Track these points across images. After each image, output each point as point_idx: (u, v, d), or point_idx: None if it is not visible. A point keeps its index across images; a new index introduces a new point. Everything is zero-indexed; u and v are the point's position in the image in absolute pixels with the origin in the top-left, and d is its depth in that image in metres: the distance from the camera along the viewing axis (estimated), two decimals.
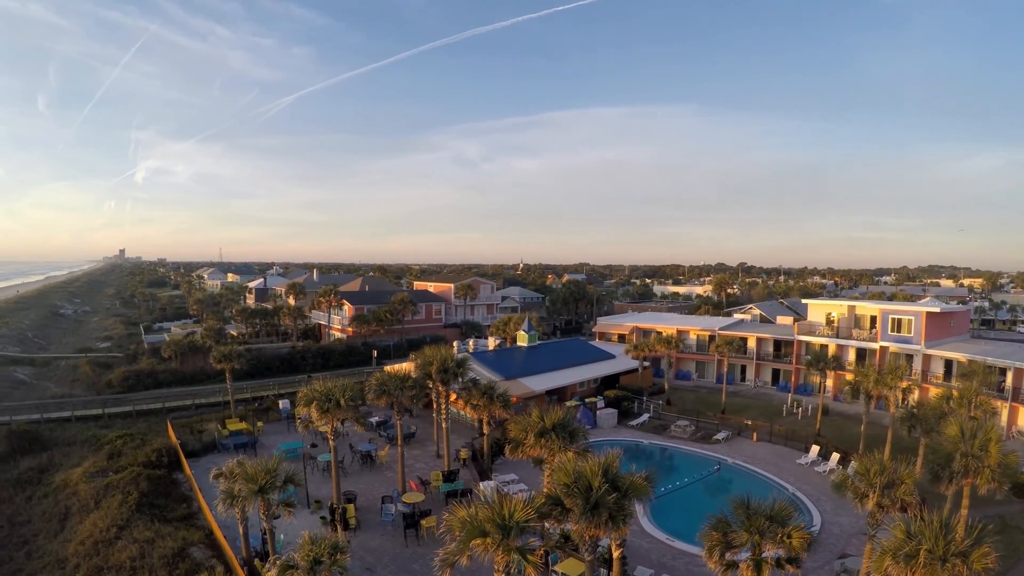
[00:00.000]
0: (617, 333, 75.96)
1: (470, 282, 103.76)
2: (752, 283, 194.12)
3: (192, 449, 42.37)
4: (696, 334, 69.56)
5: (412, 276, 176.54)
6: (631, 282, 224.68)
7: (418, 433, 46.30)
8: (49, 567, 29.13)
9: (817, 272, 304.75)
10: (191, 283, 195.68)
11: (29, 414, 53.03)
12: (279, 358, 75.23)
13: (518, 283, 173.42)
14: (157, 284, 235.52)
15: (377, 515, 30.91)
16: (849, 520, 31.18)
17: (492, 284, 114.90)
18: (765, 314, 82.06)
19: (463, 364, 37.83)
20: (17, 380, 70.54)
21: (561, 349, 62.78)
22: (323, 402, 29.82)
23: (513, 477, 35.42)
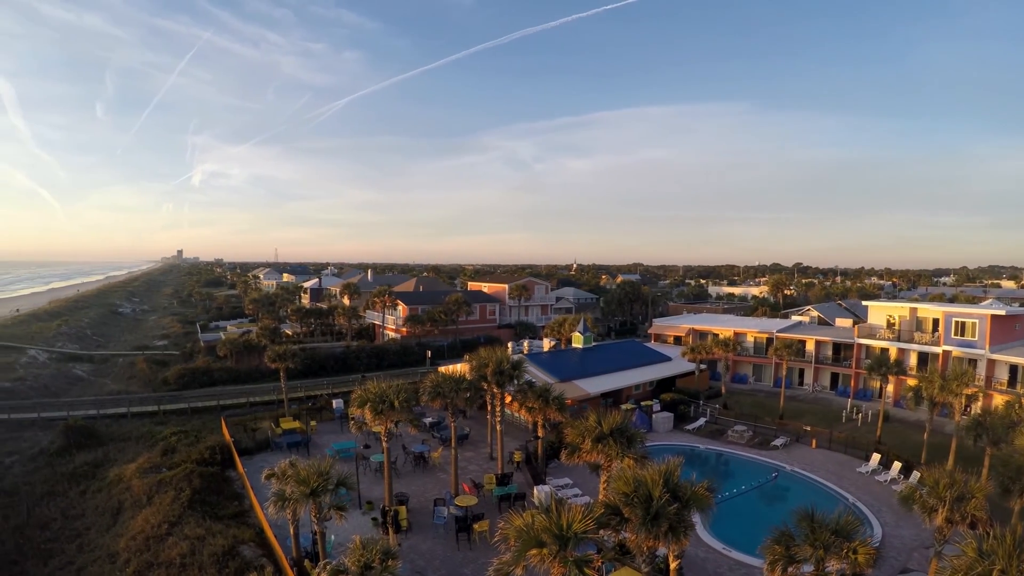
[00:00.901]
0: (673, 335, 79.36)
1: (524, 282, 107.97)
2: (808, 284, 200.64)
3: (245, 447, 44.57)
4: (753, 336, 72.20)
5: (466, 276, 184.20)
6: (685, 283, 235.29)
7: (471, 435, 47.51)
8: (100, 561, 31.06)
9: (874, 272, 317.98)
10: (247, 283, 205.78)
11: (86, 410, 57.31)
12: (333, 357, 78.85)
13: (572, 284, 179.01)
14: (214, 284, 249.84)
15: (429, 517, 32.17)
16: (911, 533, 31.26)
17: (546, 285, 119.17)
18: (823, 316, 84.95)
19: (519, 366, 39.18)
20: (75, 376, 76.21)
21: (616, 351, 65.16)
22: (377, 403, 31.04)
23: (567, 481, 36.50)
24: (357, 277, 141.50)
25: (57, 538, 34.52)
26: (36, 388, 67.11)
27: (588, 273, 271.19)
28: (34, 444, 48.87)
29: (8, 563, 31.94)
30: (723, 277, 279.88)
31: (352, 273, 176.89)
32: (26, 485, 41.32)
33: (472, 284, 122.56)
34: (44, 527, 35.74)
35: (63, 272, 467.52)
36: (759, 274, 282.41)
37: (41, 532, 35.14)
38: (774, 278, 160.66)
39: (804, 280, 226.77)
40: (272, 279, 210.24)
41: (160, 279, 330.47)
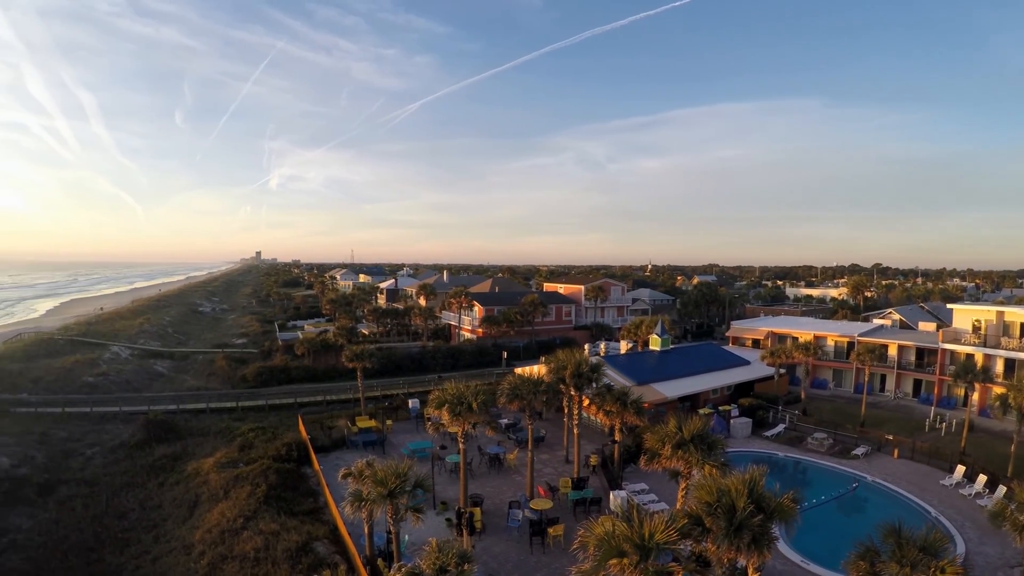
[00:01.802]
0: (751, 338, 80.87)
1: (600, 283, 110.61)
2: (888, 285, 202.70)
3: (321, 444, 46.28)
4: (834, 340, 72.91)
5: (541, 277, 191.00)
6: (762, 284, 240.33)
7: (547, 437, 48.22)
8: (175, 552, 32.82)
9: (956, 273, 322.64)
10: (324, 283, 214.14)
11: (166, 405, 61.16)
12: (409, 357, 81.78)
13: (647, 285, 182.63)
14: (291, 284, 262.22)
15: (503, 520, 33.15)
16: (995, 551, 30.86)
17: (623, 286, 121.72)
18: (905, 319, 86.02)
19: (597, 369, 40.29)
20: (156, 372, 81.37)
21: (694, 354, 66.66)
22: (455, 405, 32.11)
23: (643, 487, 37.22)
24: (433, 278, 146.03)
25: (134, 528, 36.78)
26: (118, 383, 72.12)
27: (663, 274, 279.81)
28: (115, 437, 52.35)
29: (86, 550, 34.26)
30: (800, 278, 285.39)
31: (428, 274, 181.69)
32: (106, 476, 44.36)
33: (548, 285, 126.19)
34: (122, 517, 38.20)
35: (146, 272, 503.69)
36: (837, 275, 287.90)
37: (119, 521, 37.56)
38: (853, 279, 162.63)
39: (884, 282, 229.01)
40: (349, 280, 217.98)
41: (239, 279, 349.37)
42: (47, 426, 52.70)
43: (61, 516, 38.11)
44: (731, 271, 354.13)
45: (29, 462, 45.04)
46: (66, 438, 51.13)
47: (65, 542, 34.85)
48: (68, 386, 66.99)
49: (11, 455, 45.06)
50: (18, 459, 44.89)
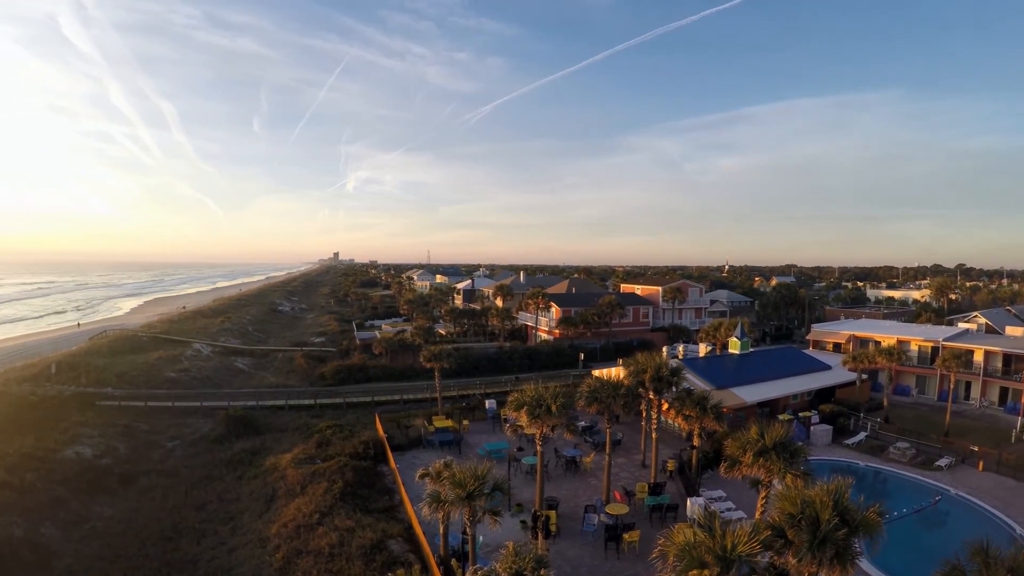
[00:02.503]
0: (832, 341, 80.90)
1: (678, 285, 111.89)
2: (973, 287, 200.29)
3: (398, 443, 47.23)
4: (918, 345, 72.00)
5: (617, 278, 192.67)
6: (842, 285, 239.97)
7: (623, 440, 48.40)
8: (251, 544, 33.86)
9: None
10: (401, 284, 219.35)
11: (245, 401, 63.64)
12: (486, 358, 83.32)
13: (724, 286, 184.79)
14: (369, 284, 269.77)
15: (578, 523, 33.62)
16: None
17: (700, 287, 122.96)
18: (991, 324, 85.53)
19: (677, 373, 40.78)
20: (236, 369, 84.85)
21: (774, 358, 67.26)
22: (534, 407, 32.67)
23: (721, 494, 37.40)
24: (510, 279, 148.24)
25: (211, 519, 38.17)
26: (199, 379, 75.61)
27: (741, 275, 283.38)
28: (195, 430, 54.85)
29: (164, 539, 35.75)
30: (881, 279, 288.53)
31: (504, 275, 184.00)
32: (186, 468, 46.43)
33: (625, 286, 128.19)
34: (200, 508, 39.71)
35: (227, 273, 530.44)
36: (919, 276, 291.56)
37: (197, 513, 39.05)
38: (936, 281, 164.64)
39: (968, 283, 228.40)
40: (426, 280, 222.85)
41: (318, 279, 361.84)
42: (130, 419, 55.56)
43: (141, 505, 40.00)
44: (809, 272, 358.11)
45: (112, 453, 47.55)
46: (148, 431, 53.82)
47: (144, 531, 36.48)
48: (151, 381, 70.50)
49: (95, 446, 47.66)
50: (101, 450, 47.43)
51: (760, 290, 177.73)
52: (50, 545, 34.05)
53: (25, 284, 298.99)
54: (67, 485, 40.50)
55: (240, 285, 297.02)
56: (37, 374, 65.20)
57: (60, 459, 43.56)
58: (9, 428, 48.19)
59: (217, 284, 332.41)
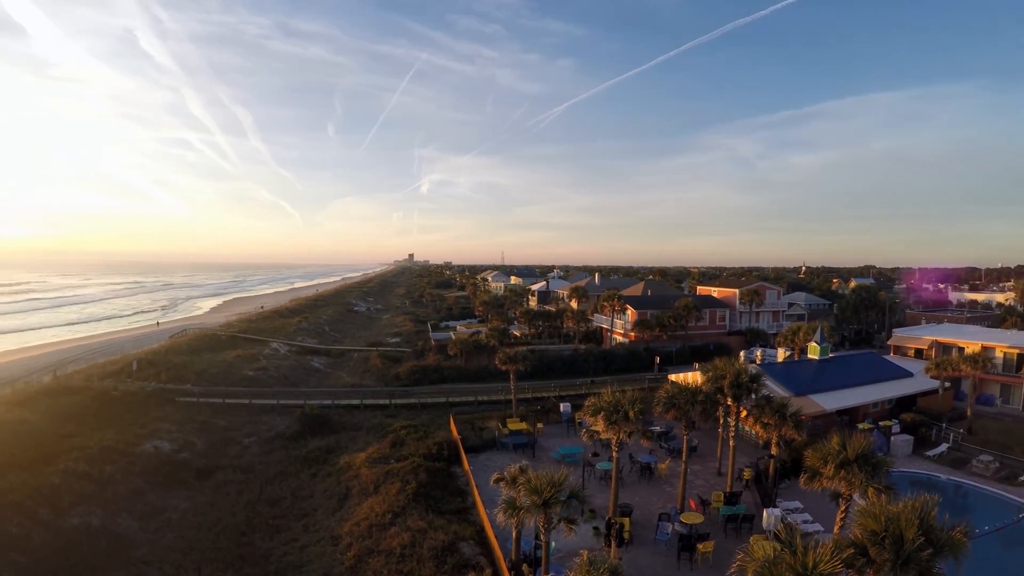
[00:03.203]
0: (914, 347, 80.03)
1: (755, 287, 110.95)
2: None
3: (472, 445, 47.55)
4: (1003, 351, 70.01)
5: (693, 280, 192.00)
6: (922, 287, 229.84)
7: (699, 447, 47.87)
8: (323, 542, 34.55)
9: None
10: (476, 285, 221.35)
11: (321, 399, 65.30)
12: (561, 360, 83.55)
13: (801, 288, 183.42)
14: (443, 285, 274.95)
15: (651, 532, 33.53)
16: None
17: (778, 290, 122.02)
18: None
19: (757, 379, 40.83)
20: (312, 368, 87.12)
21: (854, 363, 66.14)
22: (611, 413, 32.90)
23: (797, 505, 37.16)
24: (584, 280, 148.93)
25: (285, 515, 39.22)
26: (276, 377, 78.02)
27: (818, 276, 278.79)
28: (271, 428, 56.42)
29: (238, 534, 36.87)
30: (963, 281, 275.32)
31: (578, 276, 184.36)
32: (261, 464, 47.79)
33: (701, 288, 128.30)
34: (274, 504, 40.80)
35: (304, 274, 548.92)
36: (1003, 277, 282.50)
37: (271, 508, 40.14)
38: (1022, 283, 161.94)
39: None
40: (500, 281, 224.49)
41: (393, 280, 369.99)
42: (208, 415, 57.75)
43: (216, 500, 41.36)
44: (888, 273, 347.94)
45: (189, 448, 49.48)
46: (225, 427, 55.76)
47: (218, 524, 37.67)
48: (229, 379, 73.21)
49: (173, 441, 49.73)
50: (179, 444, 49.46)
51: (838, 292, 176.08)
52: (127, 535, 35.62)
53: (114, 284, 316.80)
54: (145, 478, 42.39)
55: (317, 286, 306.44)
56: (119, 370, 68.74)
57: (139, 453, 45.64)
58: (91, 422, 50.80)
59: (295, 285, 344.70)
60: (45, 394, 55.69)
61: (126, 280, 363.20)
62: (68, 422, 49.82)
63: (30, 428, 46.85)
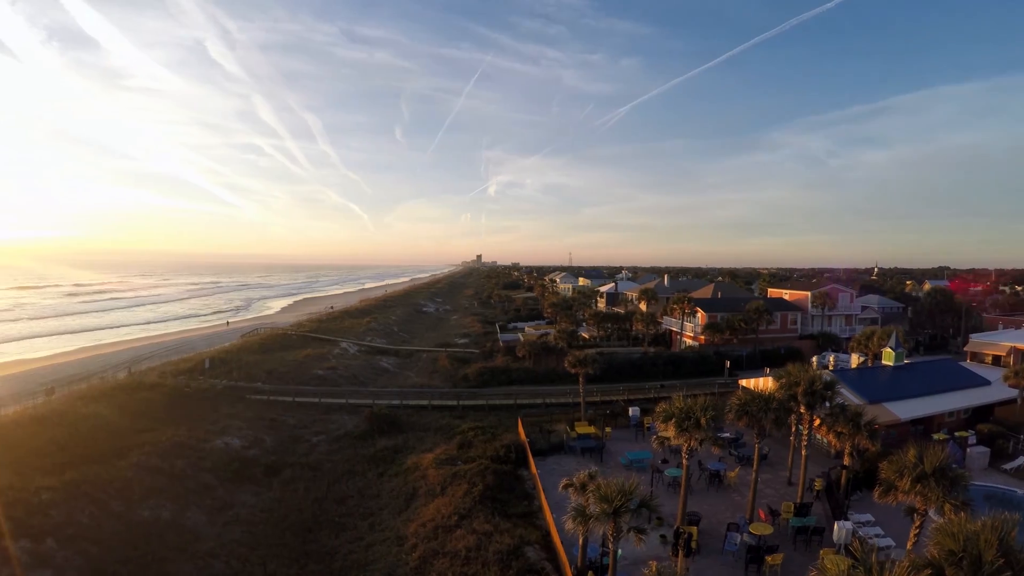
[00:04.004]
0: (992, 353, 76.91)
1: (827, 290, 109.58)
2: None
3: (539, 448, 47.03)
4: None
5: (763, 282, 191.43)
6: (1000, 290, 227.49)
7: (769, 455, 46.58)
8: (388, 542, 34.82)
9: None
10: (544, 287, 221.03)
11: (389, 399, 66.07)
12: (630, 363, 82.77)
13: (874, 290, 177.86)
14: (511, 286, 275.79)
15: (719, 541, 32.91)
16: None
17: (851, 292, 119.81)
18: None
19: (832, 387, 40.02)
20: (381, 368, 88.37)
21: (929, 370, 64.53)
22: (682, 420, 32.55)
23: (869, 519, 36.04)
24: (653, 282, 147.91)
25: (351, 514, 39.72)
26: (346, 377, 79.39)
27: (891, 278, 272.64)
28: (340, 426, 57.35)
29: (304, 530, 37.57)
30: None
31: (646, 278, 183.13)
32: (329, 463, 48.54)
33: (772, 291, 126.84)
34: (340, 502, 41.40)
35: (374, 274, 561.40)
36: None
37: (337, 506, 40.73)
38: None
39: None
40: (568, 283, 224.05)
41: (461, 281, 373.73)
42: (277, 413, 59.16)
43: (284, 496, 42.19)
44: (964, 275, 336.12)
45: (259, 444, 50.74)
46: (294, 425, 56.95)
47: (285, 521, 38.46)
48: (299, 377, 74.85)
49: (243, 437, 51.08)
50: (249, 441, 50.78)
51: (912, 295, 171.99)
52: (195, 528, 36.66)
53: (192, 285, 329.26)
54: (215, 473, 43.66)
55: (386, 287, 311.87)
56: (192, 368, 71.23)
57: (210, 448, 47.08)
58: (163, 417, 52.79)
59: (365, 285, 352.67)
60: (120, 390, 58.13)
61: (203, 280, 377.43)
62: (141, 417, 51.96)
63: (105, 422, 49.05)
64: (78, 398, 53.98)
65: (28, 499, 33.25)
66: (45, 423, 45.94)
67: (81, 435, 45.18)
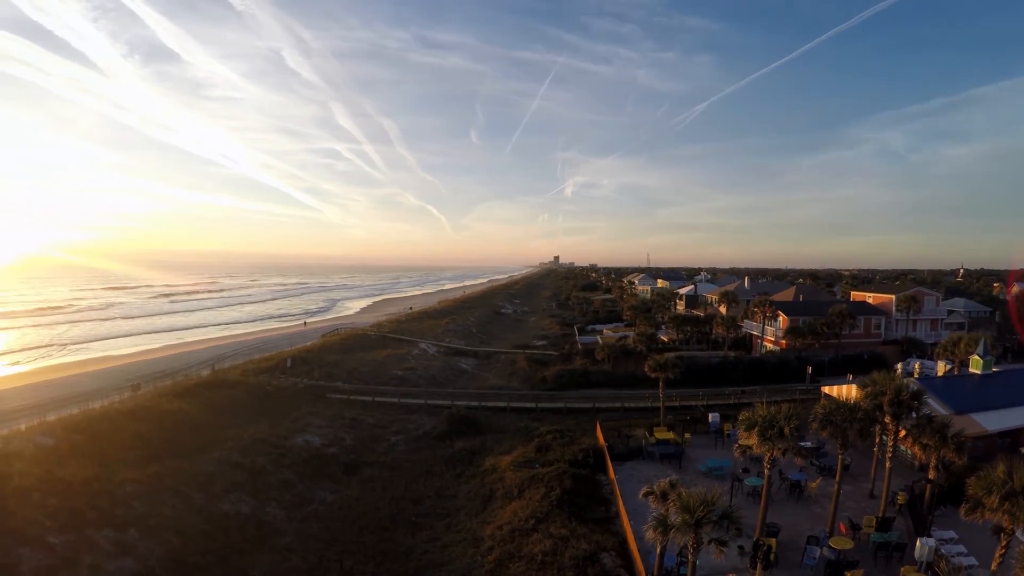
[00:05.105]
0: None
1: (913, 293, 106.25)
2: None
3: (618, 452, 46.47)
4: None
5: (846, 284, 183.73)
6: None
7: (851, 466, 44.94)
8: (464, 543, 35.03)
9: None
10: (623, 288, 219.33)
11: (468, 401, 66.63)
12: (709, 368, 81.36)
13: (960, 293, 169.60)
14: (589, 288, 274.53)
15: (797, 554, 32.21)
16: None
17: (936, 296, 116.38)
18: None
19: (919, 396, 38.91)
20: (460, 369, 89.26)
21: (1019, 379, 61.52)
22: (766, 429, 32.17)
23: (952, 536, 34.79)
24: (733, 284, 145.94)
25: (428, 514, 40.16)
26: (425, 377, 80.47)
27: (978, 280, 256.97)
28: (419, 427, 58.10)
29: (380, 528, 38.13)
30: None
31: (726, 280, 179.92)
32: (407, 462, 49.26)
33: (855, 294, 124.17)
34: (417, 502, 41.90)
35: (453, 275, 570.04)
36: None
37: (414, 506, 41.24)
38: None
39: None
40: (647, 284, 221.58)
41: (538, 283, 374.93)
42: (357, 412, 60.39)
43: (362, 494, 43.00)
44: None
45: (338, 443, 51.90)
46: (374, 424, 58.02)
47: (362, 518, 39.15)
48: (379, 377, 76.28)
49: (323, 435, 52.40)
50: (329, 439, 52.05)
51: (1000, 298, 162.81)
52: (273, 523, 37.83)
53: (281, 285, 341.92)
54: (295, 470, 44.87)
55: (464, 288, 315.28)
56: (273, 366, 73.48)
57: (290, 445, 48.48)
58: (245, 414, 54.77)
59: (444, 286, 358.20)
60: (204, 387, 60.48)
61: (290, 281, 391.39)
62: (224, 414, 54.02)
63: (188, 418, 51.18)
64: (163, 394, 56.33)
65: (113, 491, 34.86)
66: (131, 418, 47.97)
67: (165, 430, 47.25)
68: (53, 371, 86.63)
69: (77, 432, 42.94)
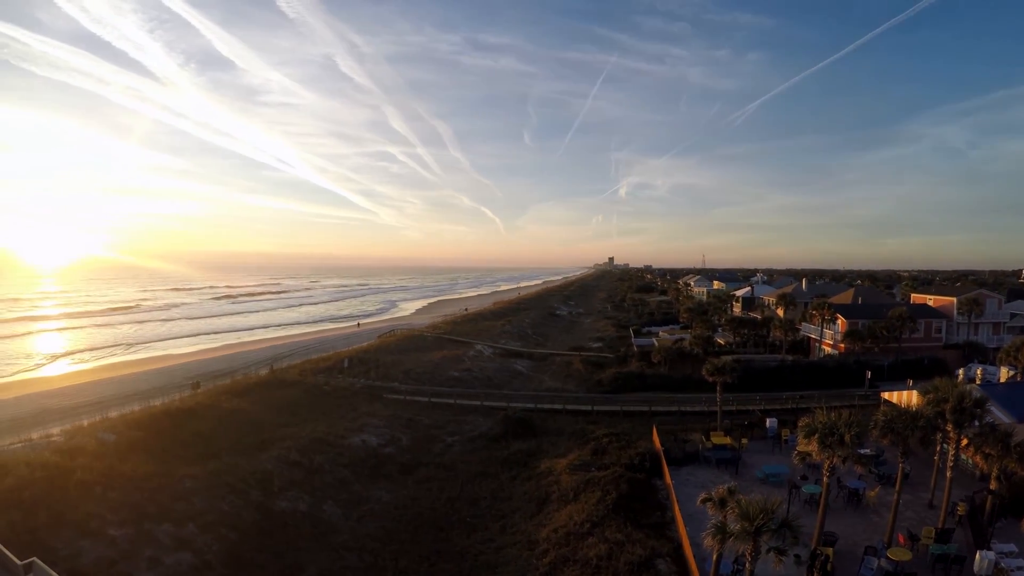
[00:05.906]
0: None
1: (975, 296, 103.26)
2: None
3: (674, 457, 46.00)
4: None
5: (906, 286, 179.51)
6: None
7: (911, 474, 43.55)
8: (518, 545, 35.09)
9: None
10: (679, 290, 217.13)
11: (524, 402, 66.66)
12: (766, 371, 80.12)
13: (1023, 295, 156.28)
14: (644, 289, 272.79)
15: (854, 564, 31.70)
16: None
17: (999, 298, 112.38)
18: None
19: (982, 404, 37.85)
20: (515, 371, 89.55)
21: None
22: (826, 436, 31.79)
23: (1013, 549, 33.86)
24: (790, 286, 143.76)
25: (483, 515, 40.31)
26: (480, 379, 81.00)
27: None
28: (475, 428, 58.49)
29: (436, 528, 38.49)
30: None
31: (783, 281, 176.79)
32: (463, 464, 49.53)
33: (916, 296, 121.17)
34: (473, 503, 42.13)
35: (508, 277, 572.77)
36: None
37: (469, 507, 41.46)
38: None
39: None
40: (702, 286, 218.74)
41: (593, 284, 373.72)
42: (414, 413, 61.01)
43: (418, 494, 43.43)
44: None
45: (395, 443, 52.58)
46: (430, 425, 58.56)
47: (418, 518, 39.57)
48: (435, 378, 77.07)
49: (380, 436, 53.11)
50: (385, 439, 52.76)
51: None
52: (330, 521, 38.49)
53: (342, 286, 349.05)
54: (351, 469, 45.68)
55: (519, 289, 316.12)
56: (330, 367, 74.89)
57: (347, 445, 49.29)
58: (303, 413, 55.87)
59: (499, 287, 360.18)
60: (262, 386, 62.06)
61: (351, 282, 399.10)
62: (282, 413, 55.19)
63: (247, 416, 52.45)
64: (222, 392, 57.88)
65: (173, 486, 35.85)
66: (190, 415, 49.43)
67: (224, 428, 48.54)
68: (116, 369, 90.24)
69: (138, 429, 44.43)
